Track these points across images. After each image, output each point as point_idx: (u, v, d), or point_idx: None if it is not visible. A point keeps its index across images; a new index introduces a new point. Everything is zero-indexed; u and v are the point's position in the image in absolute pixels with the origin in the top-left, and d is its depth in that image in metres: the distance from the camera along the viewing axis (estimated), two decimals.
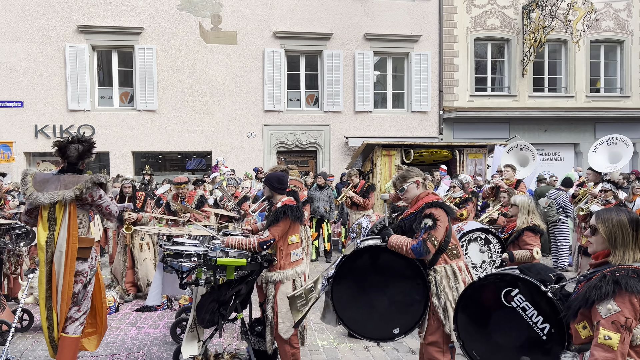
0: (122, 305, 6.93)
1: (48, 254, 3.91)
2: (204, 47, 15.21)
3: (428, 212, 3.45)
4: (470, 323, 3.03)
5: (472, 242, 5.16)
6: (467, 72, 16.63)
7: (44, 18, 14.37)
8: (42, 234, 3.94)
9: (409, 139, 14.62)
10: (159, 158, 16.28)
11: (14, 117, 14.35)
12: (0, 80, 14.22)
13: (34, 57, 14.34)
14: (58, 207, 3.95)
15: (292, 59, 16.08)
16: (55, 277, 3.91)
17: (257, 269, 4.26)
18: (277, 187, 4.36)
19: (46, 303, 3.95)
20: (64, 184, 3.98)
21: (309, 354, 5.03)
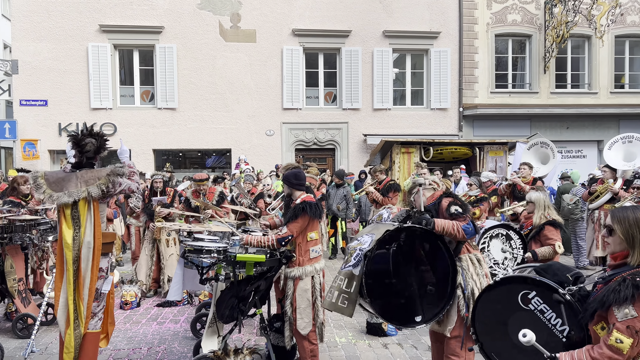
0: (144, 300, 7.03)
1: (75, 252, 3.83)
2: (223, 46, 15.32)
3: (450, 200, 3.56)
4: (488, 325, 3.00)
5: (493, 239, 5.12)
6: (488, 68, 16.44)
7: (68, 18, 14.63)
8: (67, 232, 3.84)
9: (428, 136, 14.51)
10: (179, 156, 16.46)
11: (38, 115, 14.65)
12: (26, 80, 14.53)
13: (58, 57, 14.62)
14: (82, 204, 3.84)
15: (310, 57, 16.09)
16: (82, 275, 3.84)
17: (276, 265, 4.30)
18: (295, 183, 4.39)
19: (73, 304, 3.85)
20: (84, 180, 3.86)
21: (327, 351, 5.05)
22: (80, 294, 3.85)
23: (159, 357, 4.91)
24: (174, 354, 5.01)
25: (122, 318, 6.24)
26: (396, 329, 5.54)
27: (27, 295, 5.88)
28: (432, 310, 3.47)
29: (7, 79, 15.11)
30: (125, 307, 6.59)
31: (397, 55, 16.50)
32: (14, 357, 4.89)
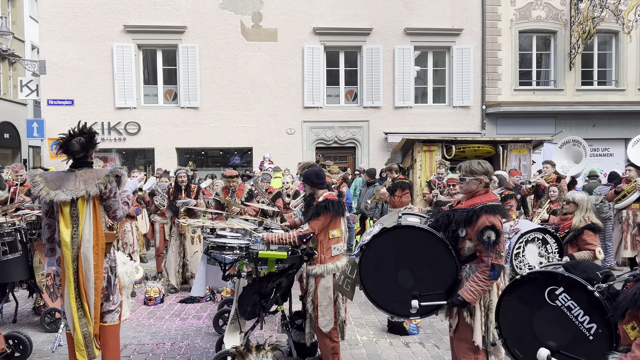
0: (167, 296, 7.13)
1: (74, 251, 3.75)
2: (245, 45, 15.42)
3: (490, 222, 3.24)
4: (513, 321, 2.96)
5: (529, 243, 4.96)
6: (511, 65, 16.20)
7: (93, 19, 14.91)
8: (65, 231, 3.76)
9: (450, 134, 14.38)
10: (202, 154, 16.64)
11: (65, 114, 14.95)
12: (53, 80, 14.86)
13: (84, 57, 14.91)
14: (81, 203, 3.79)
15: (331, 55, 16.09)
16: (83, 274, 3.77)
17: (298, 262, 4.31)
18: (316, 182, 4.38)
19: (76, 302, 3.76)
20: (83, 180, 3.82)
21: (348, 349, 5.06)
22: (83, 293, 3.76)
23: (182, 353, 4.98)
24: (196, 349, 5.07)
25: (146, 314, 6.34)
26: (418, 328, 5.51)
27: (55, 290, 6.02)
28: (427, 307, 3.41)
29: (35, 79, 15.47)
30: (149, 303, 6.69)
31: (418, 53, 16.38)
32: (42, 350, 5.01)
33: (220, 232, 4.75)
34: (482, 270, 3.24)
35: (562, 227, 5.22)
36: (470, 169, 3.47)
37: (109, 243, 3.99)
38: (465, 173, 3.48)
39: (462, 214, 3.39)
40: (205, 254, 4.40)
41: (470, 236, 3.33)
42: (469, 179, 3.47)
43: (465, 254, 3.40)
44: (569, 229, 5.08)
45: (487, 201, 3.36)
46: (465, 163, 3.54)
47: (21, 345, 4.65)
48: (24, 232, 5.11)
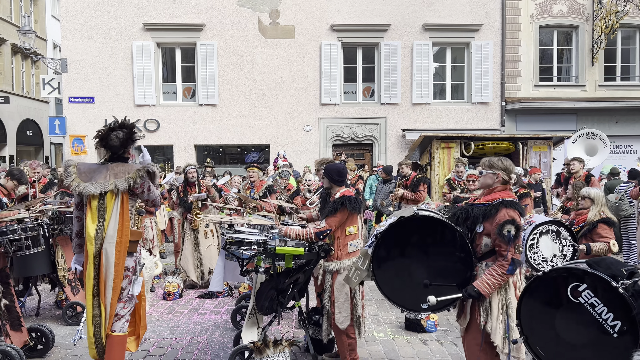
0: (185, 291, 7.21)
1: (97, 246, 3.66)
2: (262, 42, 15.46)
3: (510, 216, 3.21)
4: (535, 318, 2.91)
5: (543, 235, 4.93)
6: (532, 61, 15.96)
7: (113, 17, 15.10)
8: (91, 225, 3.69)
9: (469, 131, 14.22)
10: (219, 151, 16.76)
11: (86, 112, 15.19)
12: (74, 77, 15.10)
13: (104, 55, 15.11)
14: (109, 197, 3.71)
15: (348, 52, 16.04)
16: (104, 271, 3.66)
17: (315, 259, 4.31)
18: (336, 179, 4.37)
19: (93, 300, 3.68)
20: (114, 173, 3.74)
21: (365, 345, 5.05)
22: (101, 291, 3.66)
23: (201, 347, 5.02)
24: (214, 344, 5.12)
25: (165, 308, 6.41)
26: (435, 325, 5.48)
27: (76, 285, 6.13)
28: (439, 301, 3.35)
29: (57, 77, 15.73)
30: (168, 297, 6.77)
31: (437, 49, 16.23)
32: (64, 343, 5.11)
33: (238, 227, 4.77)
34: (500, 264, 3.20)
35: (577, 221, 5.23)
36: (490, 163, 3.47)
37: (135, 241, 3.86)
38: (484, 167, 3.49)
39: (480, 208, 3.37)
40: (224, 249, 4.43)
41: (488, 231, 3.30)
42: (486, 172, 3.46)
43: (481, 250, 3.37)
44: (583, 223, 5.07)
45: (506, 197, 3.34)
46: (486, 158, 3.53)
47: (44, 338, 4.74)
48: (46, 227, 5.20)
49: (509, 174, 3.45)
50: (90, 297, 3.67)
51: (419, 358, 4.76)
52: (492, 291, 3.22)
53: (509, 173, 3.45)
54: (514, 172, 3.48)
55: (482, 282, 3.21)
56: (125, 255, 3.74)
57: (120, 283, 3.71)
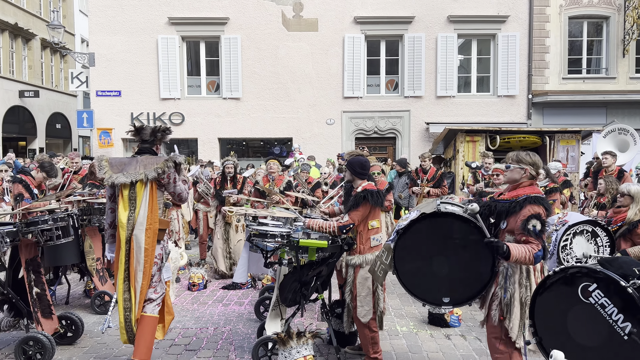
0: (210, 282, 7.30)
1: (128, 232, 3.91)
2: (285, 35, 15.47)
3: (534, 212, 3.16)
4: (548, 319, 2.84)
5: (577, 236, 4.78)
6: (560, 53, 15.61)
7: (139, 12, 15.29)
8: (123, 212, 3.95)
9: (494, 124, 13.99)
10: (243, 144, 16.87)
11: (112, 105, 15.47)
12: (101, 72, 15.37)
13: (130, 49, 15.33)
14: (139, 186, 3.94)
15: (372, 45, 15.93)
16: (134, 257, 3.88)
17: (338, 252, 4.32)
18: (359, 172, 4.35)
19: (124, 285, 3.90)
20: (143, 165, 3.98)
21: (388, 339, 5.04)
22: (132, 277, 3.88)
23: (225, 337, 5.09)
24: (238, 334, 5.18)
25: (190, 299, 6.51)
26: (459, 320, 5.43)
27: (104, 274, 6.26)
28: (461, 296, 3.38)
29: (84, 71, 16.03)
30: (193, 288, 6.87)
31: (462, 41, 16.00)
32: (92, 331, 5.23)
33: (262, 220, 4.81)
34: (532, 245, 3.11)
35: (615, 220, 5.00)
36: (518, 158, 3.40)
37: (163, 230, 4.08)
38: (512, 161, 3.42)
39: (504, 204, 3.33)
40: (248, 241, 4.47)
41: (512, 228, 3.26)
42: (513, 167, 3.40)
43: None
44: (622, 222, 4.86)
45: (531, 193, 3.27)
46: (513, 152, 3.47)
47: (73, 326, 4.86)
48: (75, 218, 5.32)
49: (537, 169, 3.39)
50: (120, 282, 3.90)
51: (443, 352, 4.73)
52: (518, 259, 3.09)
53: (537, 169, 3.38)
54: (542, 168, 3.41)
55: (513, 246, 3.13)
56: (155, 241, 3.96)
57: (151, 268, 3.93)
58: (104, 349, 4.78)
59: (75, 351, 4.70)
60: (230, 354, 4.65)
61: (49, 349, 4.26)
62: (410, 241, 3.44)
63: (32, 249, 4.67)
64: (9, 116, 20.67)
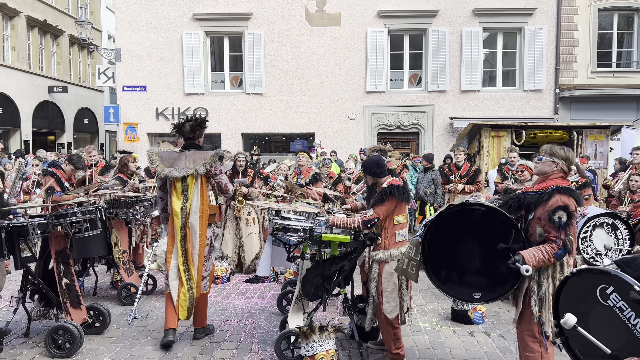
0: (233, 275, 7.37)
1: (182, 220, 4.49)
2: (308, 30, 15.44)
3: (563, 202, 3.12)
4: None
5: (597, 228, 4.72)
6: (589, 46, 15.23)
7: (164, 8, 15.47)
8: (177, 203, 4.49)
9: (520, 119, 13.76)
10: (265, 139, 16.96)
11: (138, 100, 15.70)
12: (127, 67, 15.61)
13: (155, 45, 15.52)
14: (190, 180, 4.49)
15: (395, 38, 15.81)
16: (190, 240, 4.49)
17: (360, 247, 4.31)
18: (377, 172, 4.30)
19: (183, 266, 4.51)
20: (192, 159, 4.50)
21: (410, 335, 5.02)
22: (189, 258, 4.49)
23: (248, 330, 5.14)
24: (261, 327, 5.23)
25: (214, 292, 6.58)
26: (483, 317, 5.38)
27: (131, 267, 6.38)
28: (492, 292, 3.34)
29: (111, 67, 16.31)
30: (217, 281, 6.95)
31: (487, 35, 15.76)
32: (119, 322, 5.34)
33: (285, 214, 4.83)
34: (551, 246, 3.12)
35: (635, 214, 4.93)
36: (551, 151, 3.37)
37: (213, 214, 4.73)
38: (545, 153, 3.39)
39: (533, 196, 3.30)
40: (271, 235, 4.50)
41: (541, 217, 3.22)
42: (545, 160, 3.36)
43: (536, 239, 3.28)
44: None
45: (561, 184, 3.24)
46: (548, 144, 3.44)
47: (101, 316, 4.97)
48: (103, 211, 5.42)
49: (569, 164, 3.34)
50: (180, 264, 4.50)
51: (466, 349, 4.69)
52: (535, 264, 3.09)
53: (569, 164, 3.34)
54: (574, 164, 3.36)
55: (529, 253, 3.12)
56: (206, 226, 4.58)
57: (204, 250, 4.57)
58: (130, 339, 4.88)
59: (102, 341, 4.81)
60: (253, 347, 4.70)
61: (77, 338, 4.37)
62: (438, 235, 3.41)
63: (61, 241, 4.79)
64: (39, 111, 21.17)
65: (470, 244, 3.34)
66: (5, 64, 19.19)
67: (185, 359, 4.41)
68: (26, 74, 20.27)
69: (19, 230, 4.26)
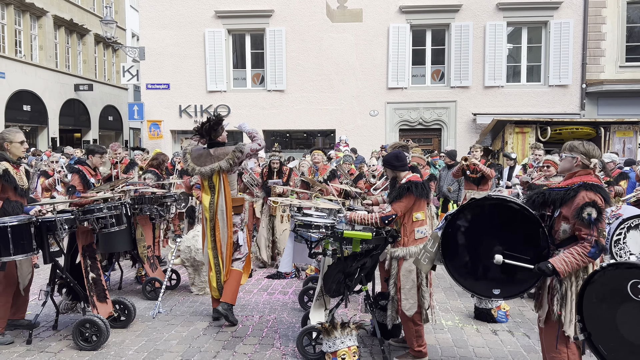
0: (255, 271, 7.43)
1: (211, 213, 4.98)
2: (329, 27, 15.41)
3: (589, 198, 3.06)
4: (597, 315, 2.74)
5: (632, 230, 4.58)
6: (617, 40, 14.85)
7: (187, 6, 15.61)
8: (206, 198, 5.01)
9: (545, 115, 13.52)
10: (286, 136, 17.00)
11: (162, 98, 15.90)
12: (151, 65, 15.81)
13: (179, 43, 15.68)
14: (215, 176, 4.93)
15: (417, 34, 15.66)
16: (219, 230, 4.99)
17: (382, 244, 4.30)
18: (397, 165, 4.29)
19: (212, 252, 5.03)
20: (216, 156, 4.91)
21: (432, 333, 4.99)
22: (218, 247, 5.01)
23: (270, 326, 5.18)
24: (283, 323, 5.26)
25: None
26: (507, 316, 5.31)
27: (155, 262, 6.49)
28: (512, 288, 3.30)
29: (135, 65, 16.54)
30: None
31: (511, 29, 15.50)
32: (144, 316, 5.44)
33: (307, 211, 4.84)
34: (583, 245, 3.03)
35: None
36: (570, 146, 3.33)
37: (240, 205, 5.27)
38: (565, 150, 3.35)
39: (558, 192, 3.24)
40: (293, 231, 4.52)
41: (566, 216, 3.16)
42: (565, 156, 3.33)
43: (560, 237, 3.23)
44: None
45: (587, 180, 3.17)
46: (569, 142, 3.37)
47: (126, 310, 5.07)
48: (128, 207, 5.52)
49: (589, 158, 3.26)
50: (210, 251, 5.06)
51: (489, 348, 4.64)
52: (569, 271, 3.03)
53: (589, 157, 3.26)
54: (595, 157, 3.27)
55: (559, 260, 3.05)
56: (232, 217, 5.06)
57: (231, 238, 5.07)
58: (154, 332, 4.96)
59: (127, 334, 4.90)
60: (275, 342, 4.73)
61: (104, 331, 4.46)
62: (458, 230, 3.38)
63: (88, 236, 4.89)
64: (65, 109, 21.63)
65: (491, 239, 3.29)
66: (34, 63, 19.65)
67: (209, 353, 4.47)
68: (53, 72, 20.73)
69: (48, 225, 4.36)
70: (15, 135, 4.68)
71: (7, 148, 4.62)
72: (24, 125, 19.30)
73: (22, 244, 4.19)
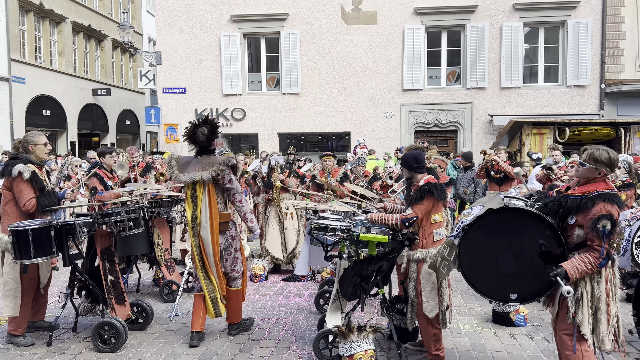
0: (271, 274, 7.44)
1: (195, 228, 4.52)
2: (344, 29, 15.42)
3: (607, 211, 3.07)
4: None
5: None
6: (637, 39, 14.61)
7: (202, 10, 15.76)
8: (188, 211, 4.54)
9: (563, 116, 13.34)
10: (301, 139, 17.03)
11: (178, 102, 16.05)
12: (167, 69, 15.98)
13: (195, 47, 15.83)
14: (198, 187, 4.47)
15: (432, 35, 15.59)
16: (205, 250, 4.53)
17: (399, 247, 4.27)
18: (415, 166, 4.27)
19: (202, 271, 4.59)
20: (202, 166, 4.47)
21: (450, 336, 4.95)
22: (206, 264, 4.56)
23: (286, 328, 5.18)
24: (299, 326, 5.25)
25: (252, 290, 6.67)
26: (525, 320, 5.24)
27: (172, 264, 6.54)
28: (528, 293, 3.33)
29: (152, 69, 16.73)
30: (255, 279, 7.03)
31: (528, 29, 15.34)
32: (161, 318, 5.48)
33: (323, 214, 4.84)
34: (595, 255, 3.11)
35: None
36: (594, 157, 3.25)
37: (226, 222, 4.61)
38: (588, 159, 3.27)
39: (574, 200, 3.23)
40: (309, 234, 4.51)
41: (581, 223, 3.18)
42: (589, 167, 3.27)
43: (574, 241, 3.25)
44: None
45: (604, 189, 3.17)
46: (592, 148, 3.31)
47: (144, 313, 5.11)
48: (146, 210, 5.57)
49: (613, 169, 3.28)
50: (199, 270, 4.59)
51: (508, 352, 4.58)
52: (578, 277, 3.13)
53: (613, 169, 3.28)
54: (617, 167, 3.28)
55: (571, 265, 3.12)
56: (218, 235, 4.54)
57: (219, 257, 4.59)
58: (172, 335, 4.99)
59: (145, 337, 4.94)
60: (292, 345, 4.73)
61: (122, 333, 4.51)
62: (476, 237, 3.40)
63: (106, 239, 4.94)
64: (84, 113, 21.95)
65: (507, 244, 3.33)
66: (53, 68, 19.98)
67: (225, 356, 4.48)
68: (72, 77, 21.05)
69: (67, 228, 4.43)
70: (39, 138, 4.80)
71: (32, 150, 4.73)
72: (44, 130, 19.63)
73: (43, 247, 4.26)
